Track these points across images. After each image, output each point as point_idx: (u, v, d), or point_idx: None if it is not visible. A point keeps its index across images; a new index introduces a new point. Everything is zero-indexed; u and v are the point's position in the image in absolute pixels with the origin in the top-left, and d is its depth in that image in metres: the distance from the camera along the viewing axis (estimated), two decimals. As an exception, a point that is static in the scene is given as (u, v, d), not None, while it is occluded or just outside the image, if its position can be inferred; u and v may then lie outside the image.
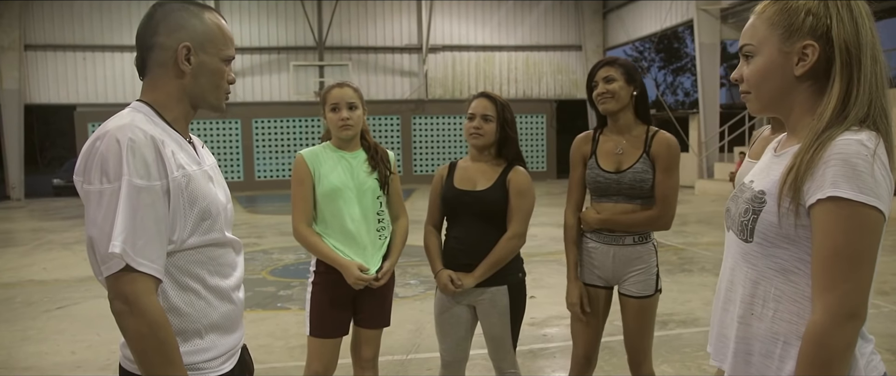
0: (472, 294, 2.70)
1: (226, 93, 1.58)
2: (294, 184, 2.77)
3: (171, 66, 1.49)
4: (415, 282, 6.39)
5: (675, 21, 18.54)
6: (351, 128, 2.73)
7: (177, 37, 1.48)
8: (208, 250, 1.50)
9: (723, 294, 1.40)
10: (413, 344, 4.56)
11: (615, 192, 2.65)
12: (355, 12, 20.88)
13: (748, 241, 1.30)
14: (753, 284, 1.30)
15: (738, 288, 1.34)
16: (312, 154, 2.78)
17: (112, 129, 1.38)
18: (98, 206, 1.34)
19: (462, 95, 21.58)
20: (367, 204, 2.75)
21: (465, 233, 2.71)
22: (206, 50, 1.51)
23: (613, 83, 2.62)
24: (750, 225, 1.29)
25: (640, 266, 2.66)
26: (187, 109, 1.55)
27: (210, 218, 1.49)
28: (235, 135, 20.31)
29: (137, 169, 1.34)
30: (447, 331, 2.79)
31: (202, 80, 1.52)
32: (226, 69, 1.55)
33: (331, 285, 2.71)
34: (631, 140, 2.67)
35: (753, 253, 1.29)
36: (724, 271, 1.41)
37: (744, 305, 1.32)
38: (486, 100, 2.70)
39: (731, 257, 1.38)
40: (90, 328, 5.13)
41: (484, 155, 2.75)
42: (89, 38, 19.30)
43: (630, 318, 2.71)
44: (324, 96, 2.79)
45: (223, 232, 1.54)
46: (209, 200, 1.49)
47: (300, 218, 2.74)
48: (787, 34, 1.26)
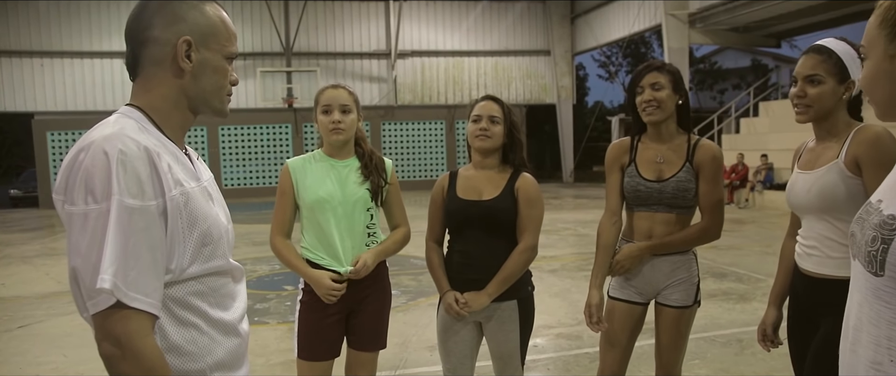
0: (480, 310, 2.53)
1: (228, 95, 1.41)
2: (278, 193, 2.64)
3: (169, 64, 1.30)
4: (396, 292, 6.25)
5: (643, 26, 18.74)
6: (343, 132, 2.56)
7: (176, 30, 1.29)
8: (210, 280, 1.32)
9: (851, 334, 1.21)
10: (400, 359, 4.40)
11: (656, 202, 2.53)
12: (323, 17, 20.66)
13: (879, 275, 1.11)
14: (889, 325, 1.11)
15: (870, 329, 1.15)
16: (299, 163, 2.63)
17: (98, 140, 1.19)
18: (83, 231, 1.15)
19: (431, 101, 21.53)
20: (355, 217, 2.58)
21: (471, 246, 2.54)
22: (209, 45, 1.33)
23: (661, 91, 2.47)
24: (879, 256, 1.10)
25: (681, 276, 2.54)
26: (186, 115, 1.36)
27: (212, 243, 1.31)
28: (201, 142, 19.89)
29: (129, 186, 1.16)
30: (451, 349, 2.62)
31: (204, 80, 1.34)
32: (229, 68, 1.38)
33: (321, 303, 2.54)
34: (672, 148, 2.55)
35: (886, 289, 1.10)
36: (850, 307, 1.23)
37: (881, 349, 1.13)
38: (492, 103, 2.56)
39: (859, 292, 1.19)
40: (56, 348, 4.85)
41: (488, 160, 2.58)
42: (47, 44, 18.72)
43: (665, 329, 2.57)
44: (316, 97, 2.64)
45: (226, 258, 1.37)
46: (210, 222, 1.31)
47: (276, 229, 2.62)
48: (892, 35, 1.13)
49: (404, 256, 8.40)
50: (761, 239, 9.76)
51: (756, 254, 8.28)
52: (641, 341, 2.83)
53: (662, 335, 2.59)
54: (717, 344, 4.59)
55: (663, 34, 17.12)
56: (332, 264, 2.55)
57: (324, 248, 2.56)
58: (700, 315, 2.68)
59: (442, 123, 21.67)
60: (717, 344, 4.59)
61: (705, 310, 5.02)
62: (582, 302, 5.73)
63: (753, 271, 7.01)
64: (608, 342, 2.65)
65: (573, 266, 7.64)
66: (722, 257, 7.89)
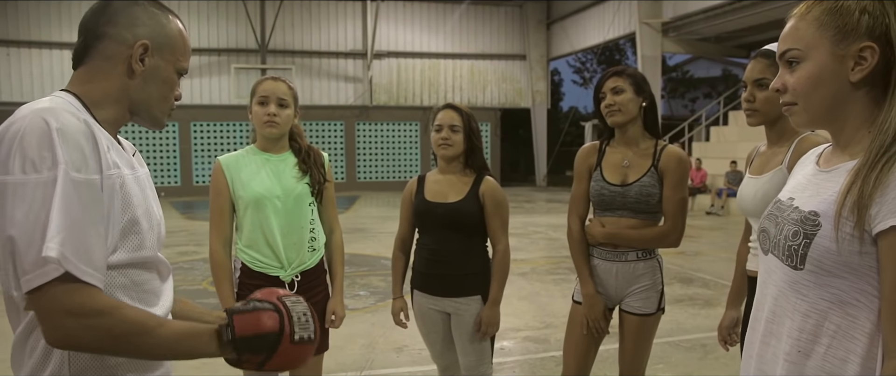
0: (446, 303, 2.67)
1: (171, 108, 1.38)
2: (211, 195, 2.48)
3: (121, 62, 1.28)
4: (364, 292, 6.19)
5: (617, 33, 18.95)
6: (277, 126, 2.46)
7: (136, 32, 1.29)
8: (134, 273, 1.25)
9: (763, 326, 1.25)
10: (366, 360, 4.39)
11: (620, 206, 2.56)
12: (299, 15, 20.53)
13: (798, 269, 1.16)
14: (803, 317, 1.16)
15: (785, 321, 1.20)
16: (231, 159, 2.51)
17: (35, 111, 1.13)
18: (20, 200, 1.07)
19: (407, 102, 21.51)
20: (296, 213, 2.48)
21: (437, 242, 2.67)
22: (164, 55, 1.33)
23: (622, 94, 2.52)
24: (801, 250, 1.14)
25: (645, 282, 2.57)
26: (123, 113, 1.32)
27: (140, 232, 1.24)
28: (173, 138, 19.63)
29: (72, 158, 1.10)
30: (433, 340, 2.78)
31: (151, 87, 1.32)
32: (177, 82, 1.37)
33: None
34: (638, 152, 2.58)
35: (804, 282, 1.15)
36: (762, 300, 1.27)
37: (791, 340, 1.18)
38: (452, 112, 2.65)
39: (773, 285, 1.23)
40: None
41: (452, 166, 2.70)
42: (8, 34, 18.28)
43: (628, 336, 2.60)
44: (254, 87, 2.52)
45: (155, 251, 1.30)
46: (142, 211, 1.26)
47: (217, 235, 2.47)
48: (839, 36, 1.14)
49: (374, 256, 8.38)
50: (728, 245, 9.91)
51: (723, 260, 8.42)
52: (606, 345, 2.86)
53: (626, 341, 2.62)
54: (681, 348, 4.65)
55: (637, 42, 17.33)
56: (273, 264, 2.46)
57: (263, 248, 2.45)
58: (665, 319, 2.72)
59: (417, 125, 21.66)
60: (682, 348, 4.66)
61: (671, 315, 5.09)
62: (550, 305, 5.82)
63: (719, 277, 7.13)
64: (572, 345, 2.67)
65: (543, 269, 7.69)
66: (688, 262, 8.00)
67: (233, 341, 1.20)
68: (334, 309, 2.58)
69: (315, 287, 2.57)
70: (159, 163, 19.57)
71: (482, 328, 2.61)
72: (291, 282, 2.48)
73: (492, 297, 2.63)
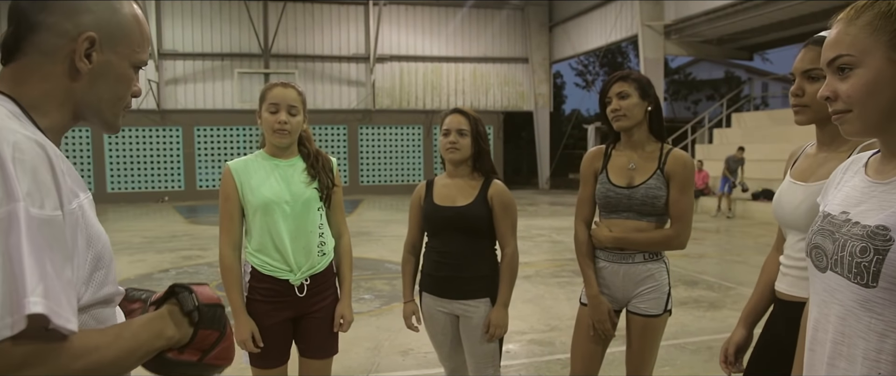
0: (455, 305, 2.69)
1: (126, 107, 1.17)
2: (221, 199, 2.50)
3: (61, 60, 1.06)
4: (369, 296, 6.20)
5: (619, 36, 18.95)
6: (288, 134, 2.46)
7: (78, 22, 1.06)
8: (98, 311, 1.07)
9: (829, 348, 1.17)
10: (372, 363, 4.39)
11: (626, 208, 2.57)
12: (302, 19, 20.58)
13: (870, 287, 1.08)
14: (880, 337, 1.08)
15: (858, 342, 1.12)
16: (241, 165, 2.51)
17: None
18: None
19: (409, 106, 21.54)
20: (305, 218, 2.49)
21: (445, 245, 2.69)
22: (116, 48, 1.11)
23: (627, 99, 2.54)
24: (872, 267, 1.07)
25: (651, 284, 2.58)
26: (68, 119, 1.11)
27: (105, 267, 1.07)
28: (176, 142, 19.67)
29: (31, 192, 0.90)
30: (441, 341, 2.79)
31: (101, 87, 1.11)
32: (134, 77, 1.15)
33: (265, 307, 2.48)
34: (644, 155, 2.60)
35: (878, 300, 1.08)
36: (823, 321, 1.20)
37: (869, 362, 1.10)
38: (459, 116, 2.68)
39: (838, 304, 1.15)
40: None
41: (460, 170, 2.71)
42: None
43: (635, 338, 2.61)
44: (263, 93, 2.50)
45: (115, 284, 1.11)
46: (103, 242, 1.06)
47: (226, 240, 2.49)
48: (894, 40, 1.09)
49: (378, 260, 8.38)
50: (732, 247, 9.91)
51: (727, 263, 8.41)
52: (613, 347, 2.86)
53: (633, 342, 2.62)
54: (686, 351, 4.65)
55: (639, 44, 17.32)
56: (282, 268, 2.47)
57: (272, 252, 2.47)
58: (670, 322, 2.72)
59: (419, 128, 21.68)
60: (687, 351, 4.65)
61: (676, 318, 5.08)
62: (555, 308, 5.81)
63: (724, 279, 7.11)
64: (579, 348, 2.67)
65: (547, 272, 7.69)
66: (693, 265, 7.99)
67: (198, 308, 1.10)
68: (342, 313, 2.59)
69: (324, 291, 2.58)
70: (163, 167, 19.61)
71: (490, 330, 2.62)
72: (300, 286, 2.50)
73: (500, 300, 2.65)
